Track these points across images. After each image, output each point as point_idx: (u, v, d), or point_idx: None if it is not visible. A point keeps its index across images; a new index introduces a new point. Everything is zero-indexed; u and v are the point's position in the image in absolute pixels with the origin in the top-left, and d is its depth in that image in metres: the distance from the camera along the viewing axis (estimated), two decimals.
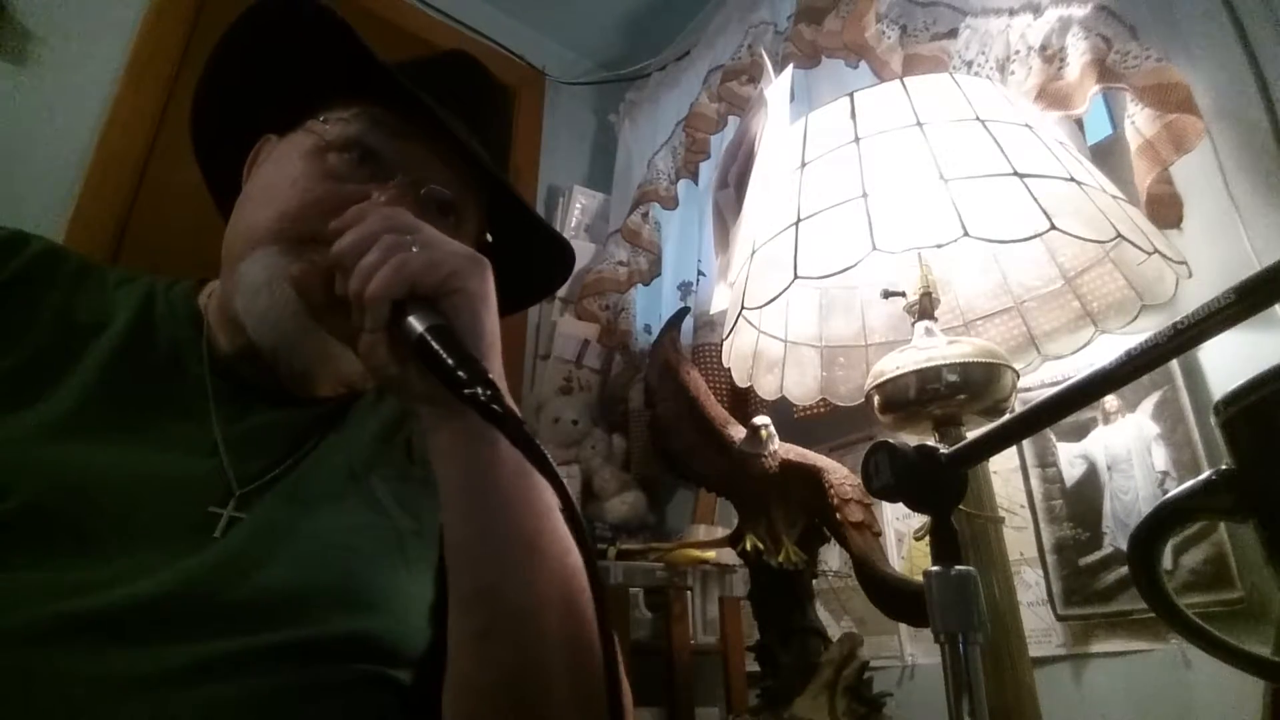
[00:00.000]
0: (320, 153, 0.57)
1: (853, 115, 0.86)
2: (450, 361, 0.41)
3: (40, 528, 0.44)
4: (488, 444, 0.45)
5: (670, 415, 1.03)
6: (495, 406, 0.39)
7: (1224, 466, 0.34)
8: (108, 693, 0.40)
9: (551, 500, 0.45)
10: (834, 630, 1.06)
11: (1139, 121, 0.89)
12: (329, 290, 0.47)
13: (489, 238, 0.66)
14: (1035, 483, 0.98)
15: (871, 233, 0.72)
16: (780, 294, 0.79)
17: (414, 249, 0.44)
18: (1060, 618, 0.92)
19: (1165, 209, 0.89)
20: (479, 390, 0.39)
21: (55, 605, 0.41)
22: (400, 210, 0.49)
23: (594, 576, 0.38)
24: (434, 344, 0.41)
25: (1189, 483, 0.35)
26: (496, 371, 0.46)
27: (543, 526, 0.46)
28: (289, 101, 0.62)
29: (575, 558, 0.47)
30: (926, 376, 0.78)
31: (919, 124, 0.80)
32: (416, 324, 0.42)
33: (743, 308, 0.85)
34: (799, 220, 0.79)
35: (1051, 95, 0.94)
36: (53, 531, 0.44)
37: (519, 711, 0.45)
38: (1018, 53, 1.01)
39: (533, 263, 0.73)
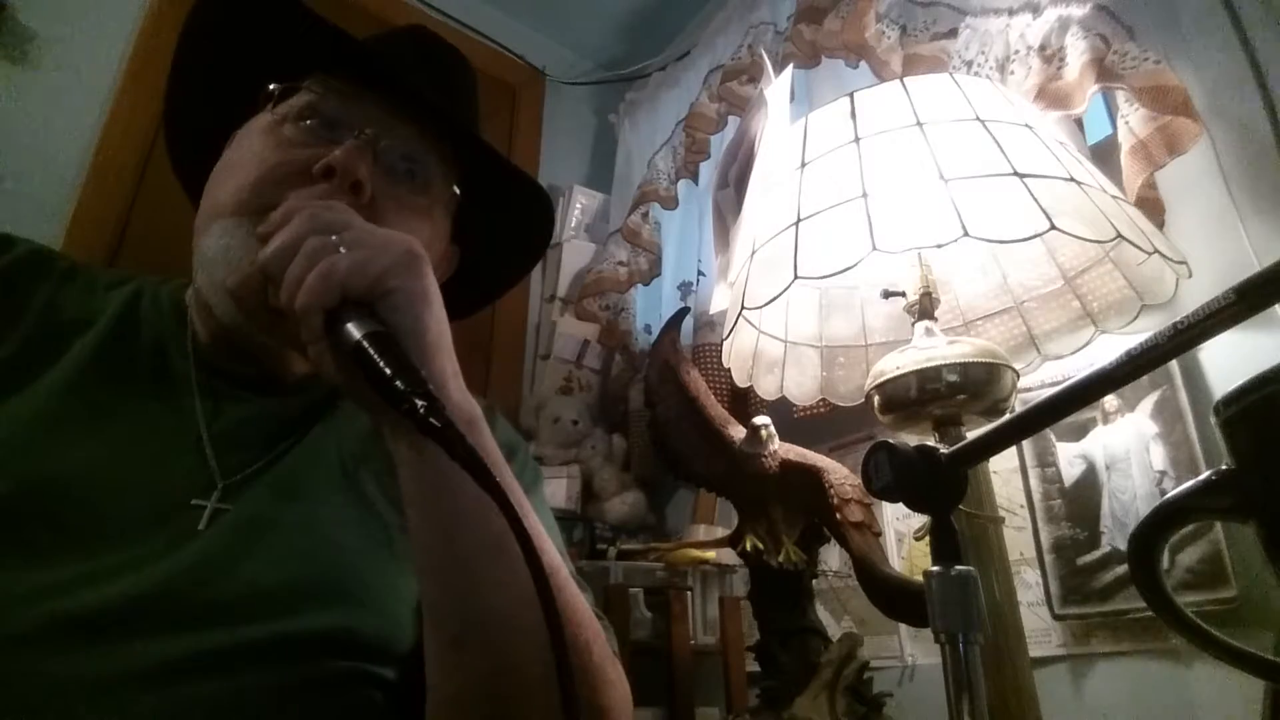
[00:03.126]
0: (277, 126, 0.57)
1: (853, 115, 0.86)
2: (388, 371, 0.38)
3: (18, 525, 0.44)
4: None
5: (670, 415, 1.03)
6: (432, 420, 0.37)
7: (1224, 466, 0.34)
8: (93, 692, 0.40)
9: (520, 500, 0.43)
10: (834, 630, 1.06)
11: (1133, 121, 0.88)
12: (266, 300, 0.45)
13: (456, 190, 0.64)
14: (1034, 483, 0.98)
15: (871, 233, 0.72)
16: (780, 294, 0.79)
17: (341, 250, 0.42)
18: (1057, 617, 0.92)
19: (1147, 213, 0.88)
20: (416, 403, 0.37)
21: (39, 604, 0.41)
22: (329, 205, 0.47)
23: (537, 571, 0.36)
24: (371, 353, 0.39)
25: (1189, 482, 0.35)
26: (447, 369, 0.45)
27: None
28: (253, 98, 0.61)
29: (549, 557, 0.45)
30: (926, 376, 0.78)
31: (919, 124, 0.80)
32: (353, 331, 0.40)
33: (743, 308, 0.85)
34: (799, 220, 0.79)
35: (1051, 95, 0.94)
36: (33, 528, 0.44)
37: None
38: (1017, 53, 1.01)
39: (513, 214, 0.70)
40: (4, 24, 1.25)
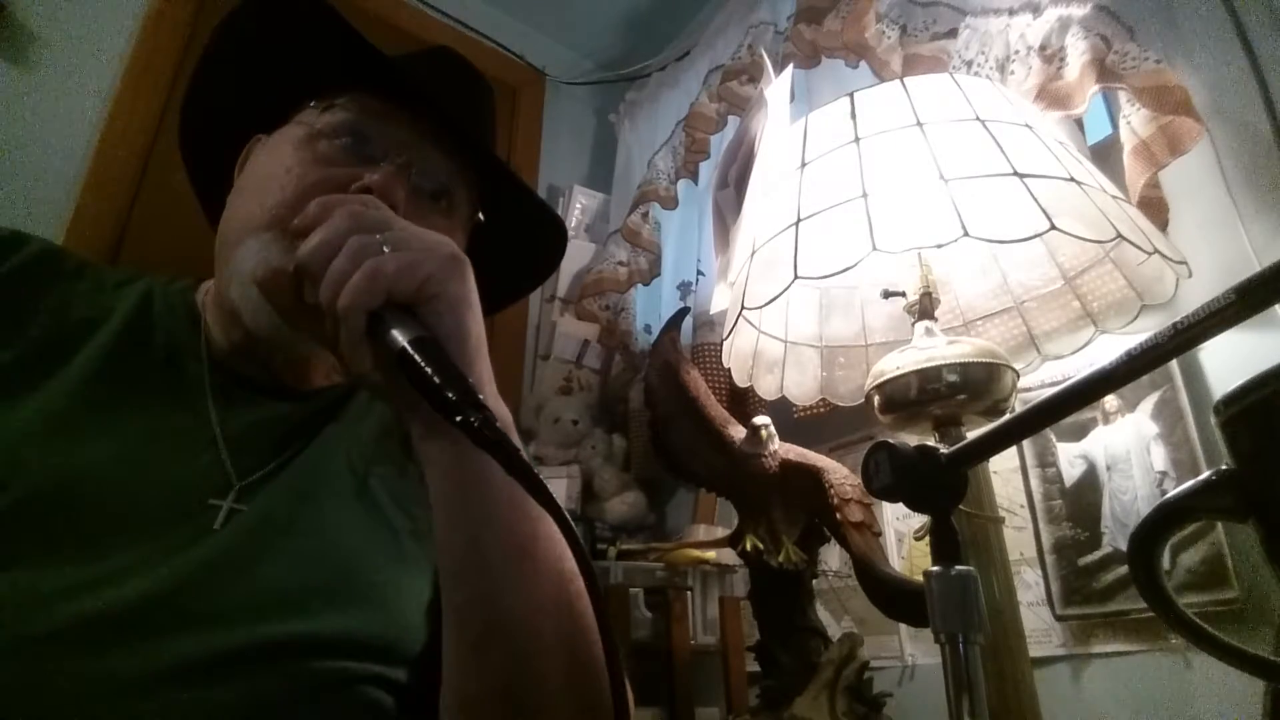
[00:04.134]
0: (311, 141, 0.57)
1: (853, 115, 0.86)
2: (437, 380, 0.38)
3: (35, 524, 0.44)
4: (479, 452, 0.43)
5: (670, 415, 1.03)
6: (487, 432, 0.37)
7: (1224, 466, 0.34)
8: (109, 692, 0.40)
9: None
10: (834, 630, 1.06)
11: (1134, 122, 0.88)
12: (299, 295, 0.44)
13: (481, 217, 0.66)
14: (1035, 483, 0.98)
15: (871, 233, 0.72)
16: (780, 294, 0.79)
17: (385, 249, 0.41)
18: (1059, 618, 0.92)
19: (1151, 213, 0.89)
20: (470, 416, 0.37)
21: (59, 604, 0.41)
22: (368, 202, 0.46)
23: (593, 587, 0.37)
24: (418, 359, 0.39)
25: (1189, 482, 0.35)
26: (485, 375, 0.45)
27: (537, 532, 0.45)
28: (278, 102, 0.62)
29: (571, 563, 0.46)
30: (926, 376, 0.78)
31: (919, 124, 0.80)
32: (398, 336, 0.39)
33: (743, 308, 0.85)
34: (799, 220, 0.79)
35: (1051, 95, 0.94)
36: (48, 528, 0.44)
37: None
38: (1017, 52, 1.01)
39: (528, 241, 0.72)
40: (4, 24, 1.25)
